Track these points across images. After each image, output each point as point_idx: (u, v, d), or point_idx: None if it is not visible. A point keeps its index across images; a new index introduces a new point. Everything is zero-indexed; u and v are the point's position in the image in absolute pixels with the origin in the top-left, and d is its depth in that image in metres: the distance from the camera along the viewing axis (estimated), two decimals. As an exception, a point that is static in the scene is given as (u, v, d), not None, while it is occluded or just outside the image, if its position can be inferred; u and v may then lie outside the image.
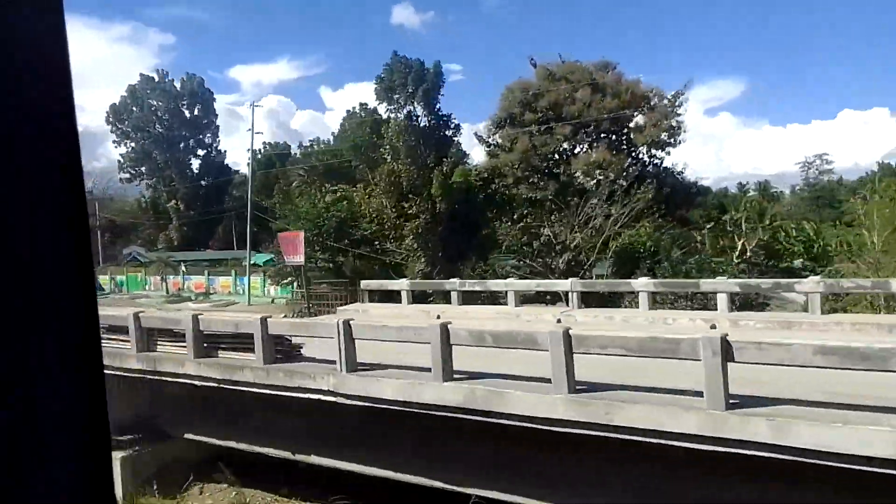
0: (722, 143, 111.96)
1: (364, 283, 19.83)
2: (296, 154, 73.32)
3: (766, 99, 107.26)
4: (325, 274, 35.21)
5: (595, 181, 36.46)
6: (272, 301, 38.46)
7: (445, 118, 27.84)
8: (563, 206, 31.78)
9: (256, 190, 70.32)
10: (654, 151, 39.09)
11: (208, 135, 64.99)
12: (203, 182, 60.68)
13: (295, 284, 36.78)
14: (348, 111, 73.42)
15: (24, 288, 0.75)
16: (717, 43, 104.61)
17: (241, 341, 10.93)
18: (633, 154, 38.64)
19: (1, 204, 0.74)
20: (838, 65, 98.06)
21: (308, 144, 70.33)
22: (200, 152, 65.05)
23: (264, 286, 40.30)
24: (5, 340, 0.74)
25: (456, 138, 27.23)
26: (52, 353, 0.78)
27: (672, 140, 40.01)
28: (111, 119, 62.96)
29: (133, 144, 63.02)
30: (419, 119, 26.76)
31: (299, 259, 21.87)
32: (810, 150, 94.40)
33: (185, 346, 11.30)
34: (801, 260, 25.99)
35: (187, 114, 63.49)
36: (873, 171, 51.70)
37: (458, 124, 32.70)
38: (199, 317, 11.30)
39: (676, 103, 40.28)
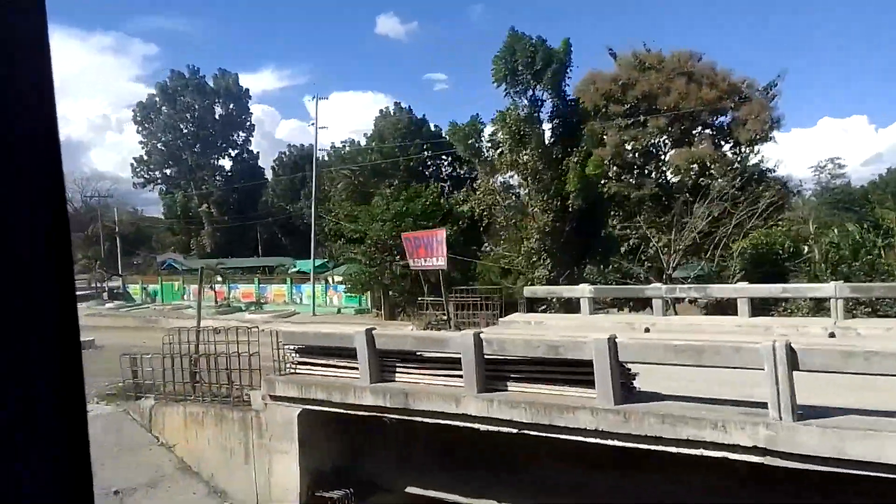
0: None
1: (529, 290, 16.86)
2: (323, 156, 70.49)
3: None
4: (403, 282, 32.25)
5: (692, 178, 33.56)
6: (338, 311, 35.42)
7: (573, 103, 24.97)
8: (661, 204, 29.06)
9: (282, 194, 67.41)
10: (755, 147, 36.36)
11: (241, 135, 61.86)
12: (237, 185, 57.45)
13: (369, 295, 33.88)
14: (381, 111, 70.88)
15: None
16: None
17: (544, 369, 7.92)
18: (737, 149, 35.95)
19: None
20: (817, 73, 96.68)
21: (340, 146, 67.56)
22: (232, 153, 61.83)
23: (325, 295, 37.21)
24: None
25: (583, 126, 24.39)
26: (31, 357, 0.79)
27: (771, 135, 37.23)
28: (138, 118, 59.76)
29: (160, 145, 59.78)
30: (543, 104, 23.89)
31: (439, 262, 18.87)
32: (790, 157, 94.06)
33: (441, 374, 8.34)
34: None
35: (220, 112, 60.30)
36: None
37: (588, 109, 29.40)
38: (483, 337, 8.28)
39: (771, 94, 37.54)
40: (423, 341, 9.39)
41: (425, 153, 66.71)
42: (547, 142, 22.99)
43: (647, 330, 14.01)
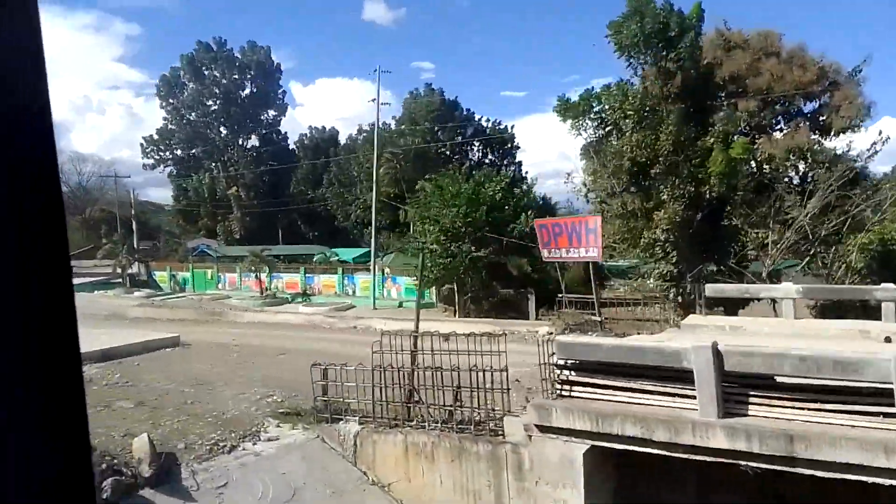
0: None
1: (712, 288, 14.63)
2: (349, 140, 67.61)
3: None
4: (473, 273, 29.96)
5: (790, 168, 31.35)
6: (400, 305, 33.09)
7: (706, 74, 22.72)
8: (754, 196, 26.94)
9: (303, 179, 64.52)
10: (845, 134, 34.25)
11: (271, 114, 58.86)
12: (268, 166, 54.55)
13: (433, 288, 31.53)
14: (411, 92, 68.34)
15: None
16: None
17: None
18: (825, 137, 33.83)
19: None
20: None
21: (367, 129, 64.89)
22: (262, 132, 58.85)
23: (382, 286, 34.85)
24: None
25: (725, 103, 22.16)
26: (28, 353, 0.79)
27: (860, 123, 35.10)
28: (163, 92, 56.63)
29: (185, 123, 56.74)
30: (674, 76, 21.53)
31: (590, 253, 16.60)
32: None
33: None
34: None
35: (250, 88, 57.25)
36: None
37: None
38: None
39: (858, 80, 35.37)
40: (815, 362, 7.06)
41: (459, 137, 64.43)
42: (678, 120, 20.67)
43: (887, 340, 11.77)
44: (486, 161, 67.94)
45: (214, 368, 14.07)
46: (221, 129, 56.94)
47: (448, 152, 65.41)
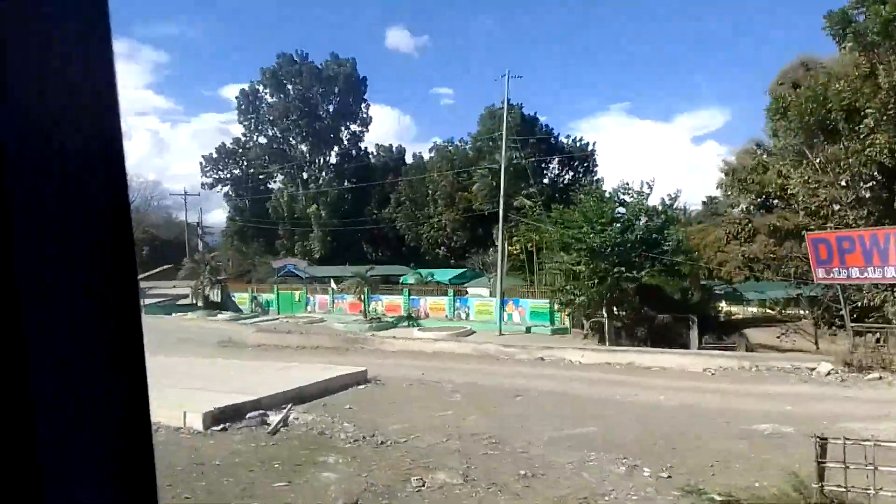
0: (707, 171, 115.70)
1: None
2: (415, 159, 65.17)
3: (748, 126, 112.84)
4: (625, 297, 26.75)
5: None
6: (528, 330, 29.96)
7: None
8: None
9: (373, 197, 62.08)
10: None
11: (354, 128, 56.77)
12: (353, 183, 52.29)
13: (562, 314, 28.30)
14: (487, 108, 66.00)
15: (71, 296, 0.82)
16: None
17: None
18: None
19: (60, 231, 0.80)
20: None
21: (443, 144, 62.54)
22: (344, 147, 56.67)
23: (501, 309, 31.76)
24: (56, 347, 0.79)
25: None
26: (98, 362, 0.84)
27: None
28: (242, 106, 55.02)
29: (263, 140, 54.94)
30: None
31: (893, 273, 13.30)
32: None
33: None
34: None
35: (334, 102, 55.22)
36: None
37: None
38: None
39: None
40: None
41: (540, 153, 61.55)
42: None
43: None
44: (568, 177, 65.19)
45: (467, 416, 11.11)
46: (302, 145, 54.94)
47: (527, 169, 62.81)
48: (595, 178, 65.26)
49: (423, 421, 10.86)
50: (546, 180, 62.41)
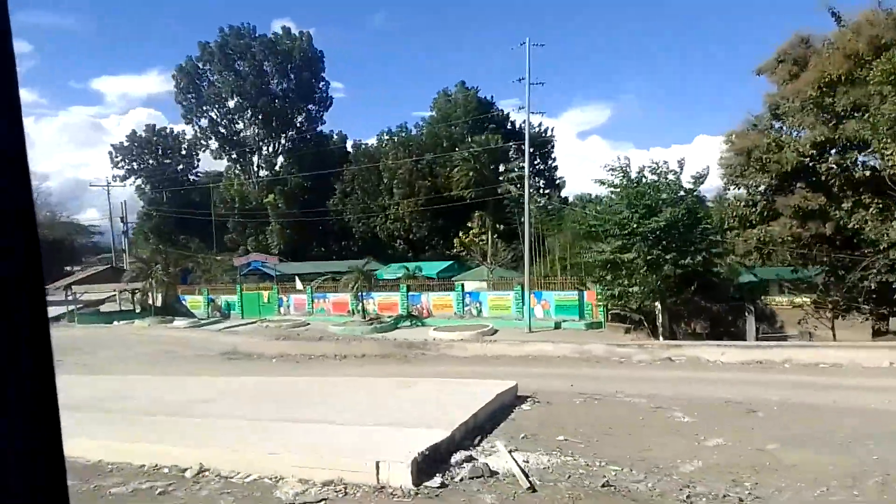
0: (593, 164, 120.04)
1: None
2: (375, 144, 60.81)
3: (630, 124, 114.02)
4: (678, 287, 24.90)
5: None
6: (557, 326, 27.64)
7: None
8: None
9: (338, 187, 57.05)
10: None
11: (312, 108, 51.73)
12: (308, 171, 47.40)
13: (595, 307, 26.09)
14: (439, 92, 62.78)
15: None
16: (584, 69, 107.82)
17: None
18: None
19: None
20: (693, 92, 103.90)
21: (397, 129, 58.78)
22: (299, 131, 51.46)
23: (520, 304, 29.30)
24: None
25: None
26: (8, 361, 0.85)
27: None
28: (181, 84, 48.76)
29: (204, 122, 49.05)
30: None
31: None
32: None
33: None
34: None
35: (289, 79, 49.90)
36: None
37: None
38: None
39: None
40: None
41: (499, 137, 59.06)
42: None
43: None
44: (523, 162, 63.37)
45: (747, 447, 8.44)
46: (252, 127, 49.42)
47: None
48: (554, 165, 64.16)
49: (708, 456, 8.07)
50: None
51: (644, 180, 26.61)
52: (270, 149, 50.28)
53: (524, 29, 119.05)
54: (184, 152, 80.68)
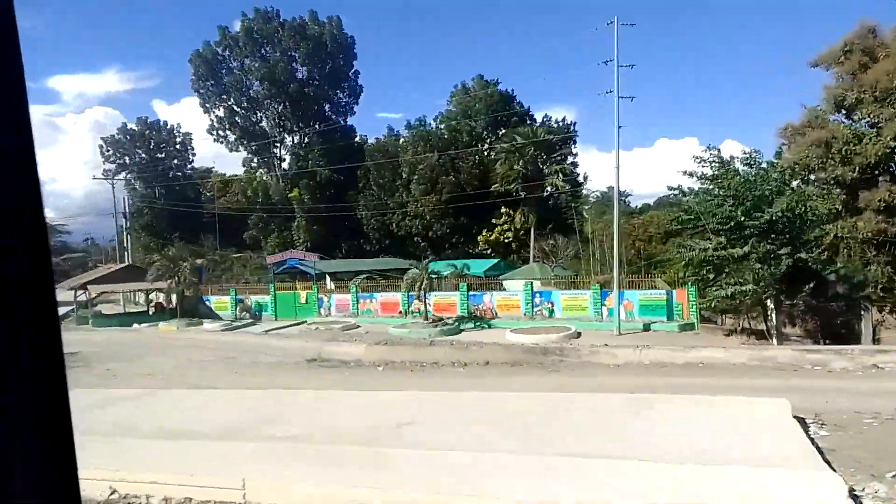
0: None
1: None
2: (386, 138, 57.92)
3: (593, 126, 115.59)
4: (790, 284, 22.98)
5: None
6: (646, 328, 25.62)
7: None
8: None
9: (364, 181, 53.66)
10: None
11: (342, 98, 48.71)
12: (337, 164, 44.52)
13: (685, 307, 24.08)
14: (457, 85, 60.26)
15: None
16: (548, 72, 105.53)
17: None
18: None
19: None
20: (655, 97, 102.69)
21: (416, 123, 56.10)
22: (331, 121, 48.22)
23: (600, 304, 27.25)
24: None
25: None
26: (14, 363, 0.84)
27: None
28: (200, 70, 45.53)
29: (220, 112, 45.86)
30: None
31: None
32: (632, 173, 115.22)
33: None
34: None
35: (319, 67, 46.64)
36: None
37: None
38: None
39: None
40: None
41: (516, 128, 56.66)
42: None
43: None
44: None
45: None
46: (276, 118, 46.26)
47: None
48: (575, 161, 62.19)
49: None
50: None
51: (738, 172, 24.76)
52: (296, 139, 47.26)
53: (520, 23, 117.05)
54: (178, 146, 77.45)
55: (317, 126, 46.29)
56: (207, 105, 46.98)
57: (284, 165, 46.18)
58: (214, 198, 48.90)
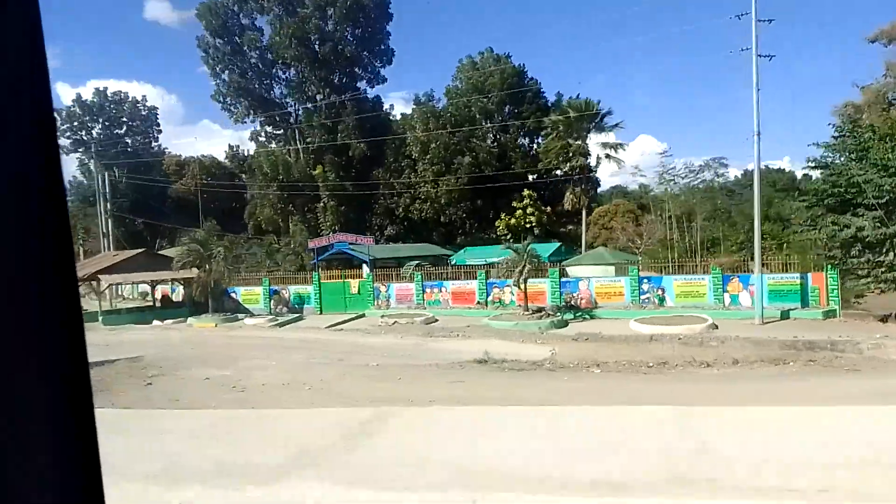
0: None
1: None
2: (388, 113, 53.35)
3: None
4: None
5: None
6: (784, 316, 23.34)
7: None
8: None
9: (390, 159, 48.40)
10: None
11: (376, 63, 43.64)
12: (372, 136, 40.00)
13: (820, 292, 21.86)
14: (462, 60, 56.31)
15: (8, 298, 0.80)
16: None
17: None
18: None
19: None
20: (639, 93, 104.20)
21: (424, 98, 51.97)
22: (358, 90, 43.08)
23: (718, 291, 24.84)
24: None
25: None
26: (39, 362, 0.82)
27: None
28: (212, 23, 39.73)
29: (237, 76, 40.44)
30: None
31: None
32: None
33: None
34: None
35: (351, 29, 41.42)
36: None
37: None
38: None
39: None
40: None
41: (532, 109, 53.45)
42: None
43: None
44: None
45: None
46: (297, 84, 41.01)
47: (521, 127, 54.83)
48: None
49: None
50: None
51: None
52: (317, 111, 42.33)
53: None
54: (142, 121, 70.62)
55: (346, 94, 41.53)
56: (218, 68, 41.50)
57: (308, 141, 41.29)
58: (194, 178, 43.56)
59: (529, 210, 48.79)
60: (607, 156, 39.20)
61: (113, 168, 57.65)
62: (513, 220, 49.76)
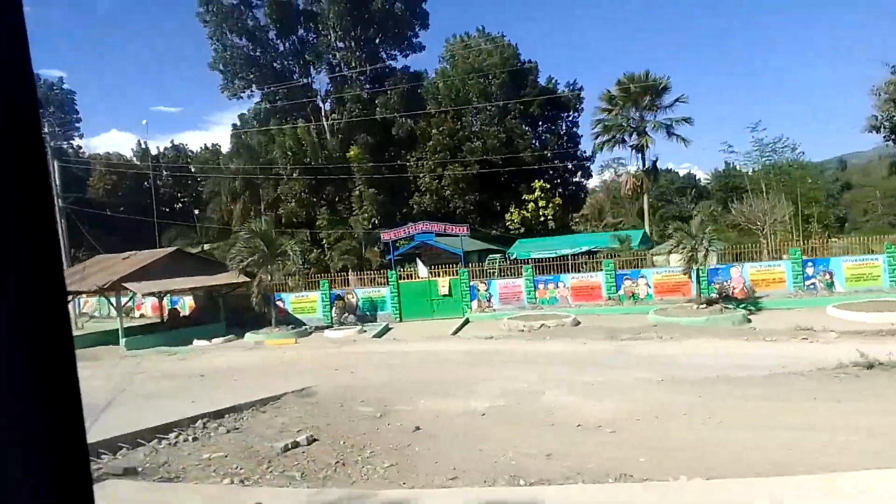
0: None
1: None
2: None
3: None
4: None
5: None
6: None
7: None
8: None
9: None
10: None
11: (416, 34, 37.32)
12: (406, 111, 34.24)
13: None
14: (448, 39, 51.56)
15: None
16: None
17: None
18: None
19: None
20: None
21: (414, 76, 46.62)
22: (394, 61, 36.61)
23: (894, 271, 22.54)
24: None
25: None
26: (26, 362, 0.81)
27: None
28: None
29: (237, 39, 33.50)
30: None
31: None
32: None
33: None
34: None
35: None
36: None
37: None
38: None
39: None
40: None
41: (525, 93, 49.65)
42: None
43: None
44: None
45: None
46: (329, 46, 33.96)
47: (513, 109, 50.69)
48: (575, 132, 56.85)
49: None
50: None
51: None
52: (348, 81, 35.91)
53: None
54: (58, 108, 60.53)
55: (384, 62, 35.50)
56: (216, 31, 34.20)
57: (333, 117, 35.00)
58: (157, 176, 36.46)
59: (544, 202, 45.38)
60: (669, 133, 36.38)
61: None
62: (526, 213, 46.08)
